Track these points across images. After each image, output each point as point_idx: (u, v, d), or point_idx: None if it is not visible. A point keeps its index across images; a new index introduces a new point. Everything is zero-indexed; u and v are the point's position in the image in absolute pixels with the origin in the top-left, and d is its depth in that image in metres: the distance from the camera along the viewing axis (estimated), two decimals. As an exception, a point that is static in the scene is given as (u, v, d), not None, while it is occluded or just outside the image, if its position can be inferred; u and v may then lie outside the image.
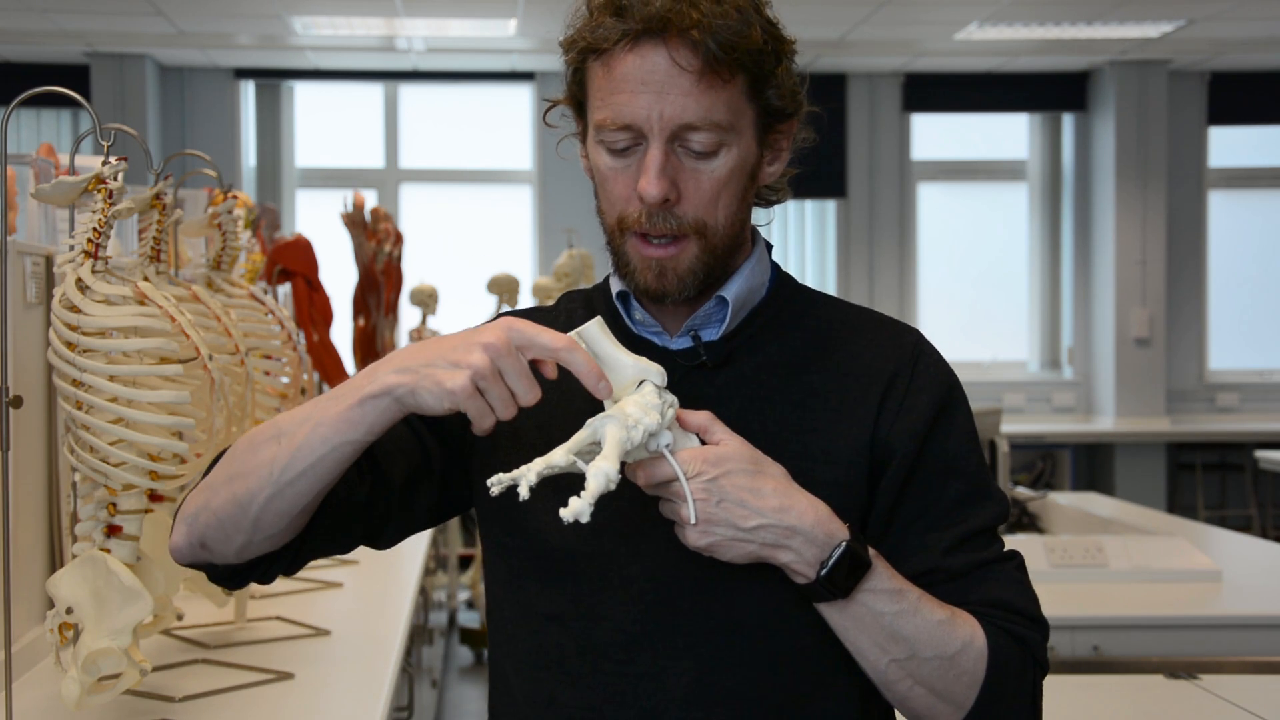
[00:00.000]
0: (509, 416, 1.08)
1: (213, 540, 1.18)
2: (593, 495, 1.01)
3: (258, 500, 1.14)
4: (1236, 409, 7.91)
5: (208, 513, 1.17)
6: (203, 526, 1.18)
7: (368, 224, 4.34)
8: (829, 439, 1.21)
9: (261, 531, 1.16)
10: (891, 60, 7.60)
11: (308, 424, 1.12)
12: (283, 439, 1.13)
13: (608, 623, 1.20)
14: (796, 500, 1.13)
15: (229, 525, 1.16)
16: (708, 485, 1.10)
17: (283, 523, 1.15)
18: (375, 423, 1.10)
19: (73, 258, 1.54)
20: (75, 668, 1.52)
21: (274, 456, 1.13)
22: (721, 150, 1.17)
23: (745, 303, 1.26)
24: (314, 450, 1.11)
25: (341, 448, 1.11)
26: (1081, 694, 2.15)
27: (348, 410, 1.10)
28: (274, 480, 1.13)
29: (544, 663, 1.23)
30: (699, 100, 1.14)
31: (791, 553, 1.12)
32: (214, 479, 1.19)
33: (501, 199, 7.90)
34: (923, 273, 8.05)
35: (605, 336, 1.11)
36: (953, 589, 1.20)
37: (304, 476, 1.12)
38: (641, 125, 1.15)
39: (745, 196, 1.22)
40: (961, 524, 1.22)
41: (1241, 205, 8.12)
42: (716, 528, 1.10)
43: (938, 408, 1.24)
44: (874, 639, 1.16)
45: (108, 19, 6.57)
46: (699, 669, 1.18)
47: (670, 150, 1.16)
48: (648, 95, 1.15)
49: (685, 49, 1.14)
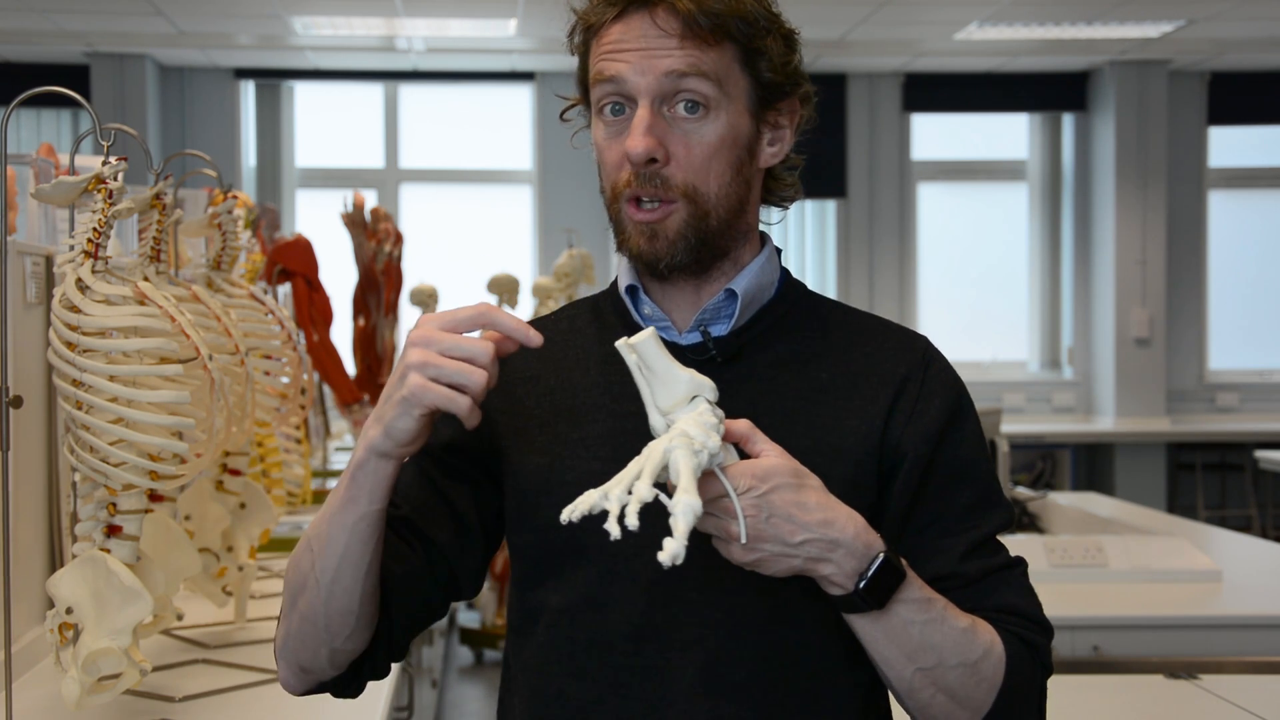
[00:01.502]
0: (478, 387, 1.08)
1: (306, 661, 1.23)
2: (685, 534, 0.99)
3: (318, 610, 1.18)
4: (1236, 409, 7.90)
5: (291, 639, 1.23)
6: (293, 653, 1.23)
7: (368, 224, 4.34)
8: (838, 435, 1.22)
9: (337, 636, 1.20)
10: (891, 60, 7.60)
11: (323, 522, 1.17)
12: (313, 544, 1.18)
13: (615, 616, 1.21)
14: (838, 512, 1.12)
15: (310, 642, 1.21)
16: (757, 501, 1.09)
17: (350, 619, 1.19)
18: (374, 486, 1.14)
19: (73, 258, 1.54)
20: (75, 668, 1.52)
21: (312, 564, 1.18)
22: (710, 112, 1.19)
23: (755, 299, 1.27)
24: (337, 541, 1.16)
25: (358, 525, 1.15)
26: (1081, 694, 2.15)
27: (346, 490, 1.15)
28: (321, 583, 1.17)
29: (553, 657, 1.24)
30: (685, 53, 1.17)
31: (832, 565, 1.12)
32: (284, 607, 1.24)
33: (501, 199, 7.90)
34: (923, 273, 8.05)
35: (659, 348, 1.09)
36: (968, 595, 1.21)
37: (342, 568, 1.16)
38: (626, 79, 1.18)
39: (740, 170, 1.23)
40: (974, 530, 1.23)
41: (1241, 205, 8.12)
42: (764, 544, 1.10)
43: (949, 413, 1.25)
44: (903, 649, 1.16)
45: (108, 19, 6.57)
46: (705, 662, 1.19)
47: (658, 112, 1.18)
48: (633, 53, 1.18)
49: (668, 14, 1.18)
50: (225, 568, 2.14)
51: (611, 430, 1.23)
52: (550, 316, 1.38)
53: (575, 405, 1.26)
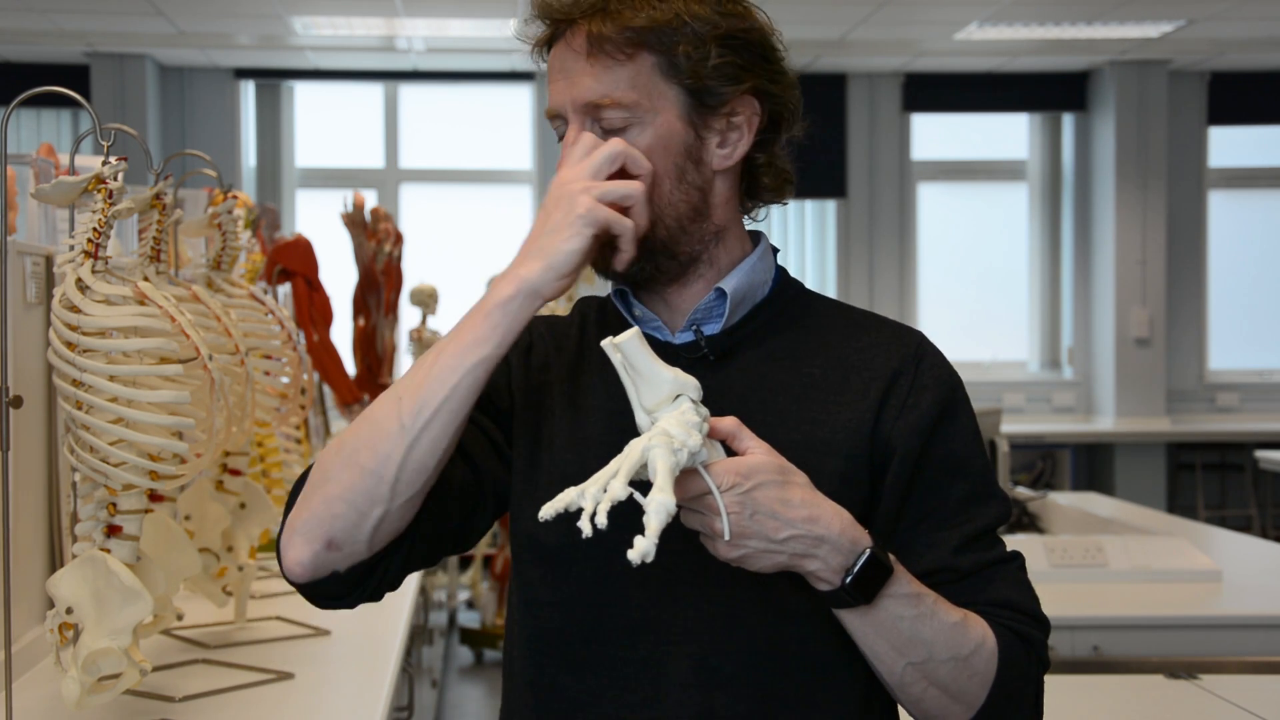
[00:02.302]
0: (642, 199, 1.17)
1: (343, 531, 1.15)
2: (656, 533, 1.00)
3: (394, 459, 1.13)
4: (1236, 409, 7.90)
5: (330, 505, 1.14)
6: (328, 523, 1.14)
7: (368, 224, 4.34)
8: (830, 430, 1.23)
9: (400, 496, 1.14)
10: (891, 60, 7.60)
11: (428, 365, 1.14)
12: (403, 393, 1.14)
13: (610, 609, 1.22)
14: (823, 509, 1.13)
15: (363, 501, 1.14)
16: (741, 498, 1.09)
17: (422, 480, 1.14)
18: (509, 329, 1.14)
19: (73, 258, 1.54)
20: (75, 668, 1.52)
21: (399, 411, 1.13)
22: (633, 128, 1.20)
23: (746, 298, 1.28)
24: (447, 381, 1.13)
25: (476, 369, 1.13)
26: (1081, 694, 2.15)
27: (476, 329, 1.14)
28: (409, 430, 1.12)
29: (547, 649, 1.25)
30: (598, 79, 1.20)
31: (818, 561, 1.13)
32: (316, 479, 1.17)
33: (501, 199, 7.90)
34: (923, 273, 8.05)
35: (643, 348, 1.10)
36: (961, 588, 1.22)
37: (441, 413, 1.13)
38: (560, 109, 1.23)
39: (684, 177, 1.23)
40: (968, 523, 1.24)
41: (1241, 205, 8.12)
42: (749, 540, 1.10)
43: (941, 407, 1.25)
44: (893, 643, 1.16)
45: (108, 19, 6.57)
46: (700, 655, 1.20)
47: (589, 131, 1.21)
48: (561, 81, 1.23)
49: (578, 35, 1.22)
50: (225, 568, 2.14)
51: (610, 429, 1.23)
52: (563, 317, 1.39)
53: (580, 403, 1.27)
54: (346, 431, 1.18)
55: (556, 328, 1.36)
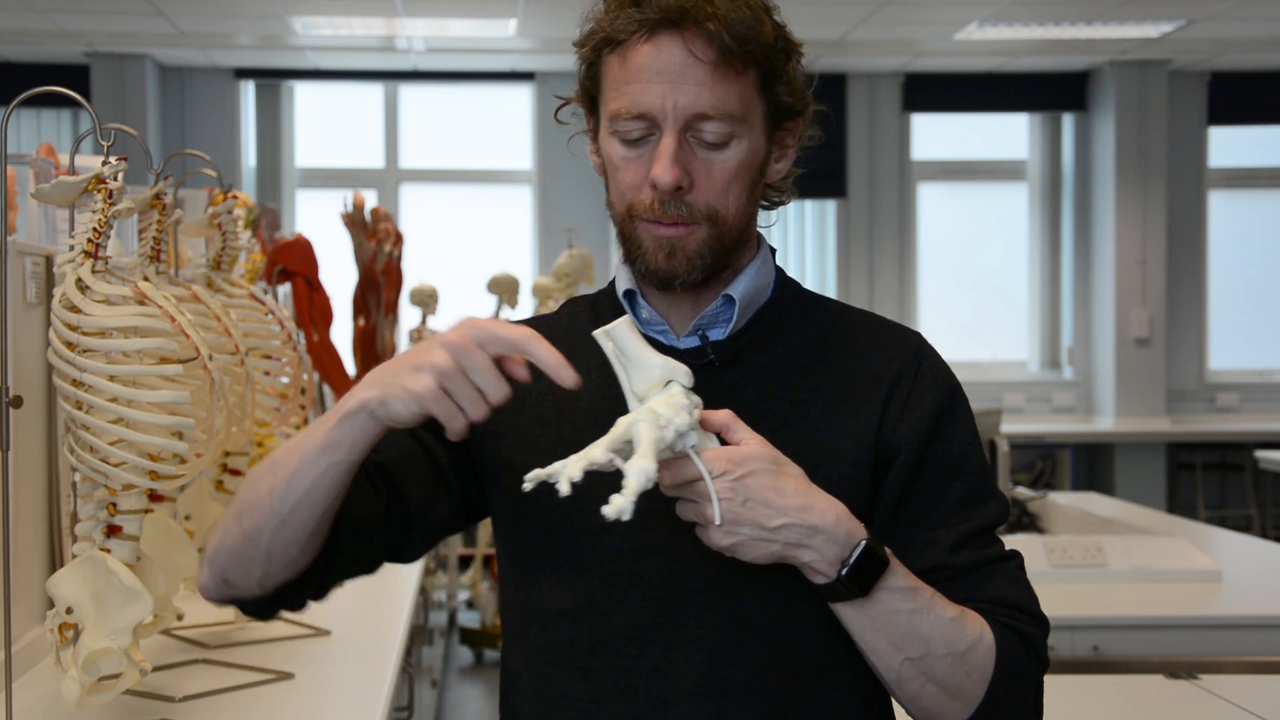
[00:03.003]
0: (479, 416, 1.08)
1: (233, 576, 1.21)
2: (634, 492, 1.01)
3: (265, 532, 1.16)
4: (1236, 409, 7.90)
5: (224, 550, 1.20)
6: (222, 564, 1.21)
7: (368, 224, 4.34)
8: (835, 437, 1.23)
9: (275, 561, 1.18)
10: (891, 60, 7.60)
11: (296, 453, 1.14)
12: (277, 469, 1.16)
13: (618, 617, 1.21)
14: (818, 499, 1.13)
15: (244, 560, 1.19)
16: (733, 485, 1.10)
17: (294, 550, 1.17)
18: (356, 440, 1.12)
19: (73, 258, 1.54)
20: (75, 668, 1.52)
21: (271, 488, 1.15)
22: (733, 141, 1.20)
23: (751, 302, 1.28)
24: (305, 476, 1.13)
25: (330, 470, 1.13)
26: (1081, 694, 2.15)
27: (329, 433, 1.12)
28: (275, 511, 1.15)
29: (555, 658, 1.24)
30: (713, 90, 1.17)
31: (813, 552, 1.13)
32: (226, 517, 1.22)
33: (501, 199, 7.90)
34: (923, 273, 8.05)
35: (634, 335, 1.12)
36: (957, 586, 1.22)
37: (302, 504, 1.14)
38: (656, 114, 1.18)
39: (754, 190, 1.25)
40: (965, 522, 1.24)
41: (1241, 205, 8.12)
42: (741, 527, 1.11)
43: (941, 407, 1.26)
44: (890, 638, 1.16)
45: (108, 19, 6.57)
46: (708, 663, 1.19)
47: (683, 139, 1.19)
48: (662, 84, 1.17)
49: (701, 40, 1.17)
50: (225, 568, 2.14)
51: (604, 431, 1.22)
52: (550, 316, 1.38)
53: (576, 407, 1.26)
54: (251, 473, 1.21)
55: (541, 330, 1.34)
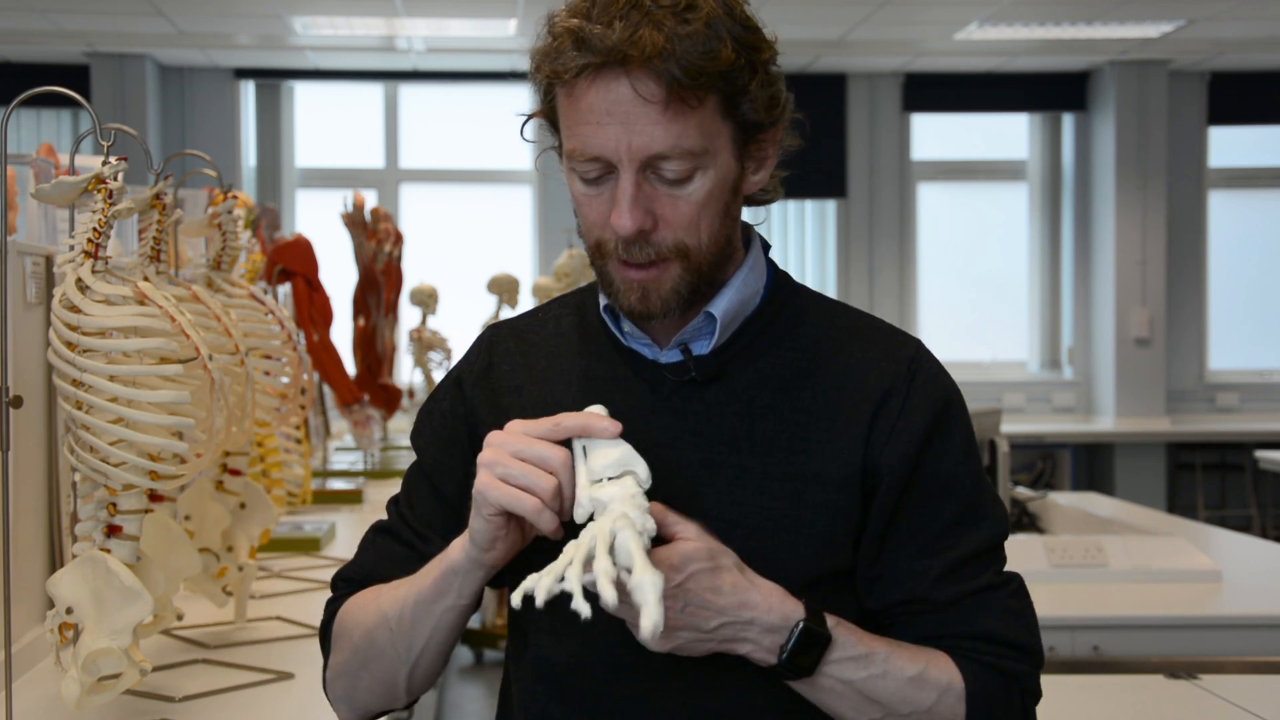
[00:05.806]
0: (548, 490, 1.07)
1: (376, 707, 1.29)
2: (657, 606, 0.98)
3: (400, 676, 1.24)
4: (1236, 409, 7.90)
5: (361, 693, 1.28)
6: (362, 704, 1.29)
7: (368, 224, 4.34)
8: (821, 460, 1.19)
9: (416, 692, 1.27)
10: (891, 60, 7.60)
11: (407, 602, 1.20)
12: (392, 622, 1.21)
13: (598, 644, 1.19)
14: (752, 592, 1.11)
15: (385, 698, 1.27)
16: (674, 592, 1.07)
17: (432, 679, 1.26)
18: (464, 586, 1.17)
19: (73, 258, 1.54)
20: (75, 668, 1.51)
21: (392, 641, 1.22)
22: (696, 174, 1.13)
23: (736, 315, 1.23)
24: (423, 624, 1.20)
25: (445, 615, 1.19)
26: (1081, 694, 2.15)
27: (435, 583, 1.18)
28: (405, 661, 1.22)
29: (540, 676, 1.24)
30: (667, 129, 1.09)
31: (750, 644, 1.12)
32: (349, 663, 1.27)
33: (501, 199, 7.90)
34: (923, 273, 8.05)
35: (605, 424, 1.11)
36: (939, 620, 1.19)
37: (428, 648, 1.22)
38: (610, 157, 1.11)
39: (728, 212, 1.18)
40: (953, 549, 1.19)
41: (1241, 205, 8.12)
42: (680, 632, 1.10)
43: (932, 425, 1.20)
44: (849, 704, 1.15)
45: (108, 19, 6.57)
46: (687, 693, 1.18)
47: (643, 179, 1.12)
48: (614, 127, 1.10)
49: (649, 79, 1.08)
50: (225, 568, 2.14)
51: None
52: (538, 315, 1.35)
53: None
54: (363, 627, 1.24)
55: (526, 338, 1.31)
